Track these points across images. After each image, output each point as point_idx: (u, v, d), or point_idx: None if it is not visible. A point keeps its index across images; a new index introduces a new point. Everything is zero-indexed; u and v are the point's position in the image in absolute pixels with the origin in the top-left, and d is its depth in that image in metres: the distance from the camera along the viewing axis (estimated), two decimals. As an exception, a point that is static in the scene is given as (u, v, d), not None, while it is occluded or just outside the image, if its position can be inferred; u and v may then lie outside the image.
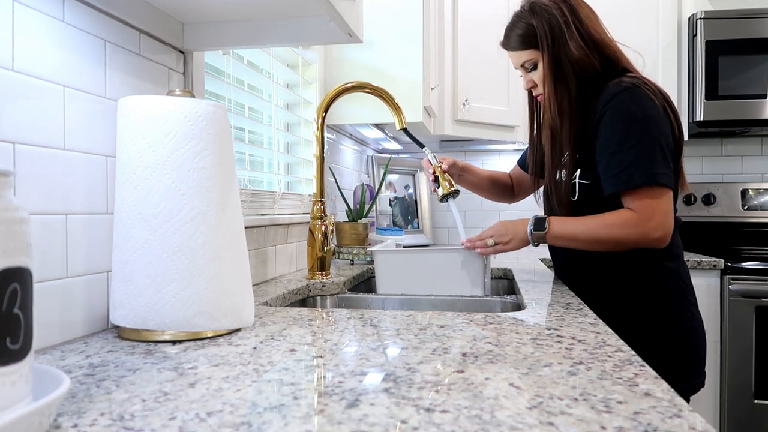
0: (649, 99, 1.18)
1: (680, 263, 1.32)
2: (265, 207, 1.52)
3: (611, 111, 1.19)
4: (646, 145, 1.16)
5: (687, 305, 1.30)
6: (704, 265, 2.19)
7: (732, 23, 2.40)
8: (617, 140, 1.18)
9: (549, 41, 1.25)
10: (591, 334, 0.81)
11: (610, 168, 1.19)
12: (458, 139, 2.74)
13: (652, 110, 1.17)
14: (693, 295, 1.33)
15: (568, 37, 1.24)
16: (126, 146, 0.78)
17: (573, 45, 1.24)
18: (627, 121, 1.17)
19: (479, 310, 1.31)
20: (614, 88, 1.21)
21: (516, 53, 1.32)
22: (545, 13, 1.26)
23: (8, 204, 0.44)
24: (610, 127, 1.19)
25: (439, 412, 0.51)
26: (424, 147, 1.46)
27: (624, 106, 1.18)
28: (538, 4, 1.28)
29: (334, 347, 0.75)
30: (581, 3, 1.30)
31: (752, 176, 2.82)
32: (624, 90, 1.19)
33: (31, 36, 0.73)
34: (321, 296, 1.41)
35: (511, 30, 1.32)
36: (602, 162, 1.21)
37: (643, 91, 1.18)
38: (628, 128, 1.17)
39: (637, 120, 1.17)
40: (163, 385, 0.59)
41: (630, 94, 1.18)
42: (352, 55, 1.94)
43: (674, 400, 0.53)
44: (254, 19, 1.06)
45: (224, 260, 0.79)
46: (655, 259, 1.27)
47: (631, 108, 1.17)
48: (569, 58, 1.25)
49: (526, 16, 1.29)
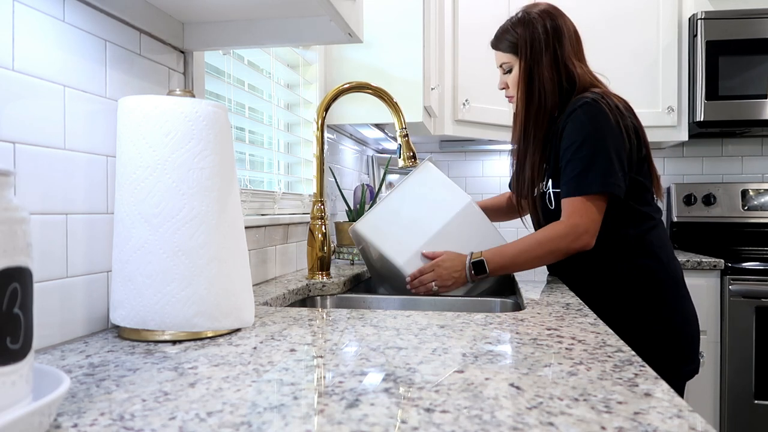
0: (603, 114, 1.28)
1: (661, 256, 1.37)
2: (265, 207, 1.52)
3: (570, 125, 1.31)
4: (595, 156, 1.27)
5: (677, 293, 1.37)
6: (704, 265, 2.19)
7: (732, 23, 2.40)
8: (572, 151, 1.29)
9: (527, 52, 1.38)
10: (591, 335, 0.81)
11: (565, 177, 1.30)
12: (458, 139, 2.74)
13: (605, 123, 1.28)
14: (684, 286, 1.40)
15: (543, 56, 1.37)
16: (126, 146, 0.78)
17: (546, 64, 1.37)
18: (581, 134, 1.28)
19: (479, 310, 1.31)
20: (575, 103, 1.32)
21: (498, 53, 1.46)
22: (531, 27, 1.38)
23: (8, 204, 0.44)
24: (568, 140, 1.30)
25: (439, 412, 0.51)
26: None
27: (580, 120, 1.29)
28: (530, 15, 1.40)
29: (334, 347, 0.75)
30: (567, 26, 1.41)
31: (752, 176, 2.82)
32: (582, 105, 1.30)
33: (31, 36, 0.73)
34: (321, 296, 1.41)
35: (501, 32, 1.45)
36: (562, 172, 1.32)
37: (600, 106, 1.29)
38: (582, 140, 1.28)
39: (591, 133, 1.28)
40: (163, 385, 0.59)
41: (586, 108, 1.29)
42: (352, 55, 1.94)
43: (674, 400, 0.53)
44: (254, 19, 1.06)
45: (224, 260, 0.79)
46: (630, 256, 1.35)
47: (586, 122, 1.28)
48: (539, 74, 1.38)
49: (516, 23, 1.42)
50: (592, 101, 1.29)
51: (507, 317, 0.94)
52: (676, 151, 2.86)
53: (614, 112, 1.29)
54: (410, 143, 1.49)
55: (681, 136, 2.53)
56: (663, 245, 1.38)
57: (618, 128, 1.28)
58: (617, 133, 1.28)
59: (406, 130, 1.49)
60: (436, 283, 1.31)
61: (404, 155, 1.47)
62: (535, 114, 1.39)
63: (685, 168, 2.86)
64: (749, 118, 2.40)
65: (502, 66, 1.45)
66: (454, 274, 1.31)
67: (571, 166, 1.28)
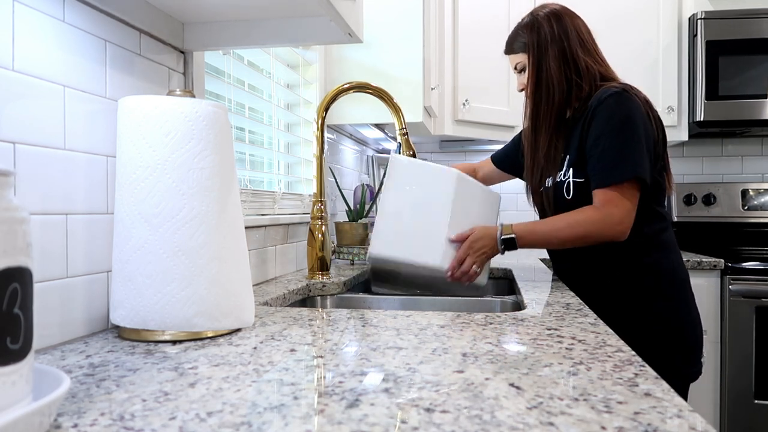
0: (635, 102, 1.29)
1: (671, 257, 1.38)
2: (265, 207, 1.52)
3: (600, 114, 1.29)
4: (631, 144, 1.26)
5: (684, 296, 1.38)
6: (704, 265, 2.19)
7: (732, 23, 2.40)
8: (604, 140, 1.28)
9: (535, 50, 1.40)
10: (591, 334, 0.81)
11: (598, 165, 1.29)
12: (458, 139, 2.74)
13: (637, 112, 1.28)
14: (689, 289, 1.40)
15: (549, 49, 1.38)
16: (126, 146, 0.78)
17: (552, 56, 1.37)
18: (614, 122, 1.27)
19: (479, 310, 1.31)
20: (603, 92, 1.32)
21: (511, 57, 1.48)
22: (537, 27, 1.40)
23: (8, 204, 0.44)
24: (599, 128, 1.29)
25: (439, 412, 0.51)
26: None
27: (611, 108, 1.28)
28: (536, 18, 1.42)
29: (334, 347, 0.75)
30: (575, 24, 1.41)
31: (752, 176, 2.82)
32: (612, 94, 1.29)
33: (31, 36, 0.73)
34: (321, 296, 1.41)
35: (511, 39, 1.48)
36: (591, 160, 1.30)
37: (630, 96, 1.30)
38: (615, 129, 1.27)
39: (624, 121, 1.27)
40: (164, 385, 0.59)
41: (617, 98, 1.29)
42: (352, 55, 1.94)
43: (674, 400, 0.53)
44: (254, 19, 1.06)
45: (224, 260, 0.79)
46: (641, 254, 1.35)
47: (618, 110, 1.28)
48: (546, 66, 1.38)
49: (523, 26, 1.44)
50: (622, 91, 1.29)
51: (507, 317, 0.94)
52: (676, 151, 2.86)
53: (644, 103, 1.30)
54: (410, 142, 1.49)
55: (681, 136, 2.53)
56: (674, 247, 1.40)
57: (648, 119, 1.29)
58: (648, 124, 1.29)
59: (406, 129, 1.49)
60: (476, 265, 1.31)
61: (404, 154, 1.47)
62: (544, 107, 1.39)
63: (685, 168, 2.86)
64: (749, 118, 2.40)
65: (517, 66, 1.46)
66: (486, 250, 1.32)
67: (603, 155, 1.27)
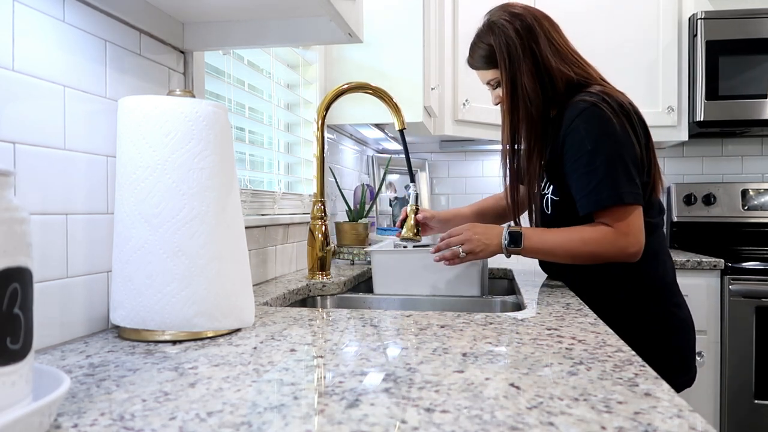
0: (607, 118, 1.18)
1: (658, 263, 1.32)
2: (265, 207, 1.52)
3: (573, 133, 1.21)
4: (609, 166, 1.17)
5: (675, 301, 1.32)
6: (704, 265, 2.19)
7: (732, 23, 2.40)
8: (583, 162, 1.19)
9: (506, 63, 1.29)
10: (591, 334, 0.81)
11: (580, 189, 1.21)
12: (458, 139, 2.74)
13: (610, 128, 1.18)
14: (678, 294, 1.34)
15: (522, 64, 1.27)
16: (126, 146, 0.78)
17: (526, 72, 1.27)
18: (588, 143, 1.19)
19: (479, 310, 1.31)
20: (574, 109, 1.22)
21: (481, 72, 1.37)
22: (502, 35, 1.29)
23: (8, 204, 0.44)
24: (574, 150, 1.21)
25: (439, 412, 0.51)
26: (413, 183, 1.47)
27: (584, 128, 1.19)
28: (496, 23, 1.30)
29: (334, 347, 0.75)
30: (539, 22, 1.30)
31: (752, 176, 2.82)
32: (582, 111, 1.20)
33: (31, 36, 0.73)
34: (321, 296, 1.41)
35: (474, 50, 1.36)
36: (572, 184, 1.23)
37: (601, 110, 1.19)
38: (591, 150, 1.18)
39: (598, 141, 1.18)
40: (164, 385, 0.59)
41: (589, 115, 1.19)
42: (352, 55, 1.94)
43: (674, 400, 0.53)
44: (254, 19, 1.06)
45: (224, 260, 0.79)
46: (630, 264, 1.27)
47: (591, 130, 1.19)
48: (521, 84, 1.28)
49: (485, 35, 1.32)
50: (591, 105, 1.19)
51: (507, 317, 0.94)
52: (676, 150, 2.86)
53: (618, 115, 1.19)
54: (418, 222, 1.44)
55: (681, 136, 2.52)
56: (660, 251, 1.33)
57: (624, 132, 1.19)
58: (626, 136, 1.19)
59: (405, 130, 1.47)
60: (464, 247, 1.22)
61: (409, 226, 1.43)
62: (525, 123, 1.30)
63: (685, 168, 2.86)
64: (749, 118, 2.40)
65: (490, 83, 1.36)
66: (485, 240, 1.22)
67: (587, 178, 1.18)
